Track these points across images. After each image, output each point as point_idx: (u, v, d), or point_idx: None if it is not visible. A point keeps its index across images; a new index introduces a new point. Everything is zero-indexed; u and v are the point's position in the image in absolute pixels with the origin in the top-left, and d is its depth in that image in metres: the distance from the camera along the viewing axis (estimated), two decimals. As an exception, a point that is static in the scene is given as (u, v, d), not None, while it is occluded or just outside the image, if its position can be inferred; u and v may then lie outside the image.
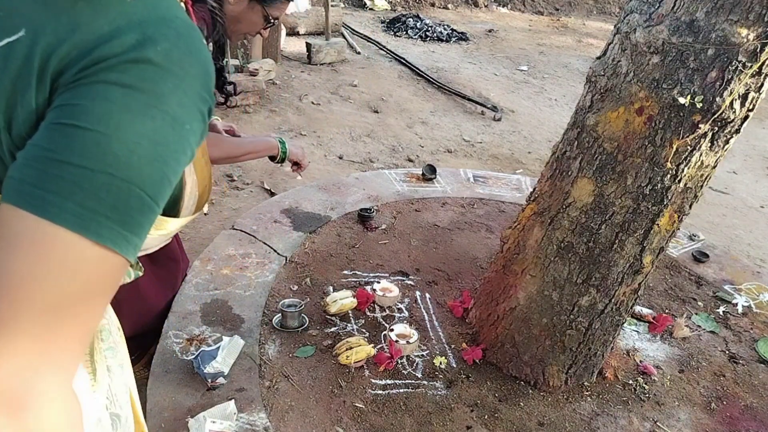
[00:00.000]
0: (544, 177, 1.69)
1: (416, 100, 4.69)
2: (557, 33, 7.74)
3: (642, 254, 1.57)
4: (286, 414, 1.53)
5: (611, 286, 1.62)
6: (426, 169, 2.96)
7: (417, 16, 7.14)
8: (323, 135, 3.76)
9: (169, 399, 1.50)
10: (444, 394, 1.68)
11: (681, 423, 1.70)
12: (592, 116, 1.50)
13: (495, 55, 6.29)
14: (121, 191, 0.52)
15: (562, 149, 1.61)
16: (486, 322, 1.85)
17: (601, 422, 1.67)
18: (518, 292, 1.73)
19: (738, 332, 2.12)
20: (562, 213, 1.59)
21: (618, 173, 1.48)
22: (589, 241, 1.56)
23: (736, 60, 1.27)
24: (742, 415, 1.76)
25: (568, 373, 1.75)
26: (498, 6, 8.71)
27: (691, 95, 1.31)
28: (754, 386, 1.88)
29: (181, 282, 1.92)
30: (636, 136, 1.43)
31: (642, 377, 1.85)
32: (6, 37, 0.55)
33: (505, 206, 2.78)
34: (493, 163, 3.71)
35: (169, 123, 0.55)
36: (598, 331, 1.70)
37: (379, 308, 1.98)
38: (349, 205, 2.56)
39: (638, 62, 1.38)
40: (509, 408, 1.67)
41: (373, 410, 1.59)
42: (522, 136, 4.26)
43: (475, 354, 1.79)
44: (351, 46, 5.74)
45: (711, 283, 2.40)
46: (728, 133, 1.41)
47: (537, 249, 1.66)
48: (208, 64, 0.61)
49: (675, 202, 1.51)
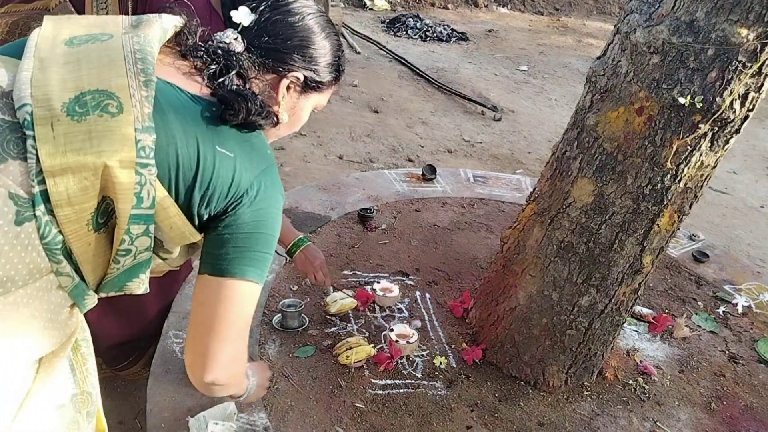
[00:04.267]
0: (544, 177, 1.69)
1: (416, 100, 4.69)
2: (557, 33, 7.74)
3: (642, 254, 1.57)
4: (286, 414, 1.53)
5: (611, 286, 1.62)
6: (426, 169, 2.95)
7: (417, 16, 7.13)
8: (323, 135, 3.76)
9: (169, 399, 1.50)
10: (444, 394, 1.68)
11: (681, 423, 1.70)
12: (592, 116, 1.50)
13: (495, 55, 6.29)
14: (269, 256, 0.96)
15: (562, 149, 1.61)
16: (486, 322, 1.85)
17: (601, 422, 1.67)
18: (518, 292, 1.73)
19: (738, 332, 2.12)
20: (562, 213, 1.59)
21: (618, 173, 1.48)
22: (589, 241, 1.56)
23: (736, 60, 1.27)
24: (742, 415, 1.76)
25: (568, 373, 1.75)
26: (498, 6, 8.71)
27: (691, 95, 1.31)
28: (754, 386, 1.88)
29: (180, 284, 1.92)
30: (636, 136, 1.43)
31: (642, 377, 1.85)
32: (222, 149, 0.87)
33: (505, 206, 2.78)
34: (493, 163, 3.71)
35: (278, 220, 0.98)
36: (598, 331, 1.70)
37: (379, 308, 1.98)
38: (349, 205, 2.56)
39: (638, 62, 1.38)
40: (509, 408, 1.67)
41: (373, 410, 1.59)
42: (522, 136, 4.26)
43: (475, 354, 1.79)
44: (351, 46, 5.74)
45: (711, 283, 2.40)
46: (728, 133, 1.41)
47: (537, 249, 1.66)
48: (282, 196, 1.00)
49: (675, 202, 1.51)
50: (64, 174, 0.73)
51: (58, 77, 0.76)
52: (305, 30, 0.97)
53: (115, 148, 0.74)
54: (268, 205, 0.93)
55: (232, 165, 0.87)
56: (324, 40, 1.00)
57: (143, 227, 0.80)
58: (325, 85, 1.04)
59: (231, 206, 0.89)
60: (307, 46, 0.97)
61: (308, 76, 0.99)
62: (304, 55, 0.97)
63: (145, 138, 0.76)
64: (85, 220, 0.77)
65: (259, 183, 0.91)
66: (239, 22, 0.96)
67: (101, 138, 0.74)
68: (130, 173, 0.75)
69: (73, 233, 0.76)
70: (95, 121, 0.74)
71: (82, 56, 0.80)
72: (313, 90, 1.03)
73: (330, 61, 1.02)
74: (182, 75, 0.91)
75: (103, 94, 0.75)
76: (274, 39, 0.95)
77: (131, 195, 0.76)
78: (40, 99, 0.74)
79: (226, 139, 0.88)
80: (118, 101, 0.75)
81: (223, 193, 0.88)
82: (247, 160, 0.90)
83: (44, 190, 0.73)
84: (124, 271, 0.84)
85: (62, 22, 0.87)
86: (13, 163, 0.72)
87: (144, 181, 0.77)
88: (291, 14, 0.97)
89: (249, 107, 0.89)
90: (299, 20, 0.97)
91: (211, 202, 0.87)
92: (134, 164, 0.75)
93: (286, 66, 0.97)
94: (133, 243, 0.80)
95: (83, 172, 0.73)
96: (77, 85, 0.76)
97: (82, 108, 0.74)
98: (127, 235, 0.79)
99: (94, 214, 0.77)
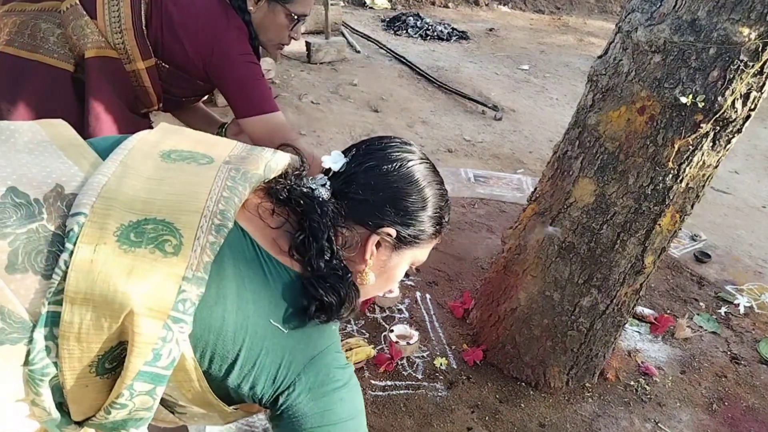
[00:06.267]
0: (545, 177, 1.68)
1: (416, 99, 4.68)
2: (558, 32, 7.72)
3: (643, 254, 1.56)
4: (285, 415, 1.52)
5: (613, 287, 1.61)
6: (426, 168, 2.94)
7: (417, 15, 7.12)
8: (323, 134, 3.75)
9: (168, 400, 1.49)
10: (444, 395, 1.67)
11: (682, 424, 1.70)
12: (594, 116, 1.49)
13: (496, 54, 6.28)
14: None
15: (564, 149, 1.60)
16: (487, 322, 1.84)
17: (603, 423, 1.66)
18: (519, 292, 1.72)
19: (740, 333, 2.12)
20: (564, 213, 1.58)
21: (619, 173, 1.47)
22: (591, 241, 1.56)
23: (737, 59, 1.26)
24: (744, 416, 1.75)
25: (569, 374, 1.75)
26: (499, 5, 8.69)
27: (692, 95, 1.31)
28: (756, 387, 1.87)
29: None
30: (637, 136, 1.42)
31: (643, 378, 1.84)
32: (276, 323, 0.74)
33: (506, 206, 2.77)
34: (494, 163, 3.70)
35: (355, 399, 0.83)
36: (599, 332, 1.69)
37: (379, 309, 1.97)
38: (350, 205, 2.55)
39: (640, 61, 1.37)
40: (510, 409, 1.67)
41: (373, 411, 1.58)
42: (523, 135, 4.25)
43: (475, 355, 1.79)
44: (351, 45, 5.73)
45: (713, 283, 2.39)
46: (730, 132, 1.40)
47: (538, 249, 1.65)
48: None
49: (677, 202, 1.50)
50: (84, 305, 0.63)
51: (131, 193, 0.69)
52: (402, 180, 0.84)
53: (150, 293, 0.64)
54: (330, 390, 0.77)
55: (284, 343, 0.74)
56: (424, 191, 0.85)
57: (149, 387, 0.67)
58: (424, 240, 0.88)
59: (282, 393, 0.75)
60: (403, 198, 0.83)
61: (402, 231, 0.84)
62: (398, 208, 0.83)
63: (190, 290, 0.65)
64: (90, 361, 0.66)
65: (315, 365, 0.76)
66: (329, 167, 0.85)
67: (140, 278, 0.64)
68: (157, 325, 0.64)
69: (71, 371, 0.66)
70: (143, 256, 0.65)
71: (171, 175, 0.73)
72: (408, 246, 0.87)
73: (431, 214, 0.86)
74: (262, 222, 0.79)
75: (166, 227, 0.67)
76: (365, 189, 0.83)
77: (149, 350, 0.64)
78: (99, 213, 0.66)
79: (283, 310, 0.75)
80: (179, 240, 0.66)
81: (270, 375, 0.74)
82: (303, 336, 0.76)
83: (55, 314, 0.63)
84: (111, 422, 0.72)
85: (172, 133, 0.81)
86: (32, 278, 0.63)
87: (170, 338, 0.65)
88: (387, 161, 0.84)
89: (339, 308, 0.78)
90: (396, 168, 0.84)
91: (256, 384, 0.74)
92: (167, 316, 0.64)
93: (376, 220, 0.83)
94: (132, 399, 0.68)
95: (105, 310, 0.63)
96: (145, 209, 0.68)
97: (138, 238, 0.66)
98: (128, 390, 0.66)
99: (102, 357, 0.66)
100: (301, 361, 0.75)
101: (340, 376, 0.78)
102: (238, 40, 1.56)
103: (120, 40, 1.46)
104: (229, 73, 1.57)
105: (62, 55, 1.45)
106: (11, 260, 0.62)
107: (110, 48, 1.46)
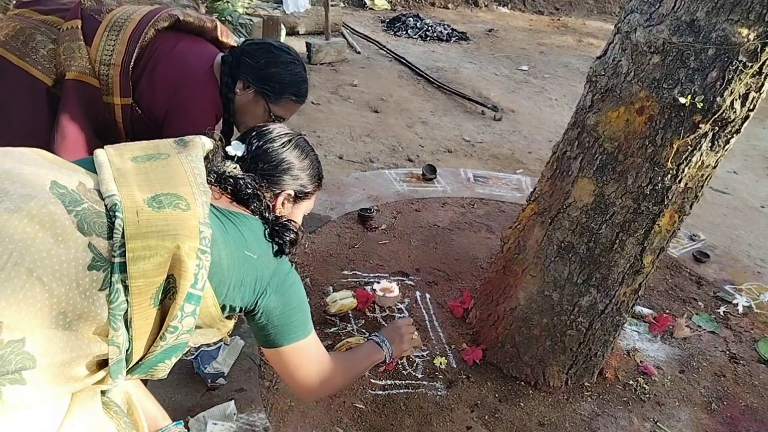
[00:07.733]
0: (544, 177, 1.69)
1: (416, 99, 4.68)
2: (557, 33, 7.73)
3: (642, 254, 1.57)
4: (286, 414, 1.53)
5: (612, 287, 1.62)
6: (426, 169, 2.95)
7: (417, 16, 7.13)
8: (323, 135, 3.75)
9: (169, 399, 1.50)
10: (444, 395, 1.67)
11: (681, 423, 1.70)
12: (593, 116, 1.50)
13: (495, 55, 6.29)
14: (306, 315, 1.18)
15: (563, 149, 1.61)
16: (486, 322, 1.85)
17: (602, 422, 1.67)
18: (518, 292, 1.72)
19: (738, 332, 2.12)
20: (563, 213, 1.59)
21: (618, 173, 1.48)
22: (590, 241, 1.56)
23: (736, 60, 1.27)
24: (743, 416, 1.76)
25: (568, 373, 1.75)
26: (498, 6, 8.70)
27: (691, 95, 1.31)
28: (755, 386, 1.88)
29: None
30: (636, 136, 1.42)
31: (642, 377, 1.84)
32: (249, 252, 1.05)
33: (506, 206, 2.78)
34: (494, 163, 3.70)
35: (300, 291, 1.18)
36: (598, 332, 1.70)
37: (379, 308, 1.97)
38: (349, 205, 2.56)
39: (639, 62, 1.38)
40: (509, 408, 1.67)
41: (373, 410, 1.59)
42: (522, 135, 4.25)
43: (475, 354, 1.79)
44: (351, 45, 5.74)
45: (711, 283, 2.39)
46: (729, 133, 1.41)
47: (537, 249, 1.66)
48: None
49: (675, 202, 1.50)
50: (145, 250, 0.87)
51: (135, 182, 0.94)
52: (289, 153, 1.19)
53: (186, 234, 0.90)
54: (288, 287, 1.13)
55: (256, 265, 1.06)
56: (306, 159, 1.21)
57: (193, 307, 0.92)
58: (311, 193, 1.25)
59: (259, 298, 1.08)
60: (293, 167, 1.18)
61: (297, 190, 1.20)
62: (292, 175, 1.19)
63: (206, 231, 0.93)
64: (150, 294, 0.89)
65: (276, 275, 1.11)
66: (234, 154, 1.15)
67: (176, 226, 0.90)
68: (193, 257, 0.90)
69: (138, 305, 0.88)
70: (171, 213, 0.91)
71: (150, 170, 0.98)
72: (302, 199, 1.23)
73: (311, 173, 1.23)
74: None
75: (173, 196, 0.94)
76: (267, 165, 1.16)
77: (192, 275, 0.90)
78: (125, 194, 0.91)
79: (249, 243, 1.06)
80: (186, 202, 0.93)
81: (251, 288, 1.06)
82: (265, 258, 1.09)
83: (122, 263, 0.86)
84: (161, 352, 0.95)
85: (122, 147, 1.05)
86: (98, 239, 0.86)
87: (201, 265, 0.91)
88: (274, 141, 1.18)
89: (295, 242, 1.13)
90: (282, 145, 1.18)
91: (244, 297, 1.05)
92: (197, 250, 0.90)
93: (279, 186, 1.17)
94: (182, 321, 0.92)
95: (160, 250, 0.87)
96: (152, 188, 0.94)
97: (159, 204, 0.92)
98: (181, 311, 0.91)
99: (159, 288, 0.89)
100: (268, 274, 1.09)
101: (292, 277, 1.15)
102: (204, 111, 1.56)
103: (105, 73, 1.50)
104: (173, 118, 1.56)
105: (45, 69, 1.49)
106: (80, 227, 0.85)
107: (93, 77, 1.50)
